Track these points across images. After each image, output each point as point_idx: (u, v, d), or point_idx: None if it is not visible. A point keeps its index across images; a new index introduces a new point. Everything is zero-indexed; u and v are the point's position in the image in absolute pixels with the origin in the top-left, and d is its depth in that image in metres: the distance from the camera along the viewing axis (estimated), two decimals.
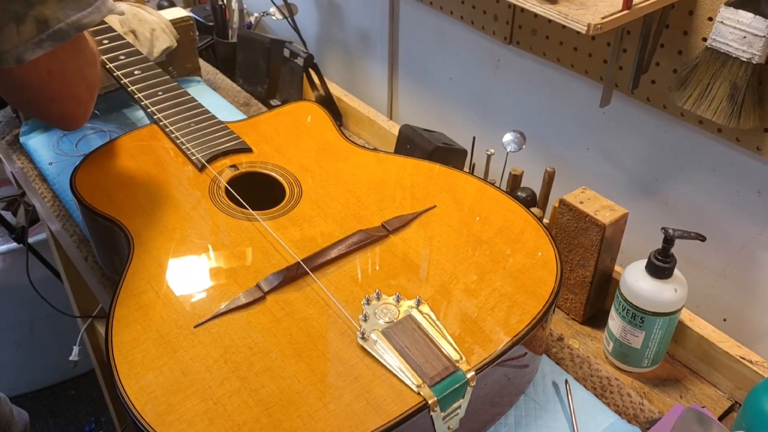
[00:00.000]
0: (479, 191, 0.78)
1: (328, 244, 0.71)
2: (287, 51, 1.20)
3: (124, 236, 0.73)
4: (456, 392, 0.57)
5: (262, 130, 0.91)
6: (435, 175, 0.81)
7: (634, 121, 0.89)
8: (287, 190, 0.80)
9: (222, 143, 0.86)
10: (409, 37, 1.19)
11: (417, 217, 0.75)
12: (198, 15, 1.35)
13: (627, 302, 0.74)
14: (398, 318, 0.62)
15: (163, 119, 0.88)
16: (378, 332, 0.61)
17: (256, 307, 0.64)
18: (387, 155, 0.86)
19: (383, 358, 0.59)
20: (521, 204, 0.76)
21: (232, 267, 0.69)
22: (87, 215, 0.79)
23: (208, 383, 0.57)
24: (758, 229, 0.81)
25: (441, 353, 0.59)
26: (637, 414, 0.71)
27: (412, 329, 0.61)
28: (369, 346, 0.60)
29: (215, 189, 0.79)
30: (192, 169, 0.83)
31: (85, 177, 0.82)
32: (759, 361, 0.74)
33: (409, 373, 0.57)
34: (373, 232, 0.73)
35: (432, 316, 0.63)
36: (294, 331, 0.62)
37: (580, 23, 0.67)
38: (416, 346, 0.60)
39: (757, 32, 0.67)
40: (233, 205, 0.77)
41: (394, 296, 0.65)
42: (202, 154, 0.84)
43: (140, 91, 0.91)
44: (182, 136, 0.86)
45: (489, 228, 0.73)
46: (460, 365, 0.58)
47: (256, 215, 0.75)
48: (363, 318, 0.62)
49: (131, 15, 1.08)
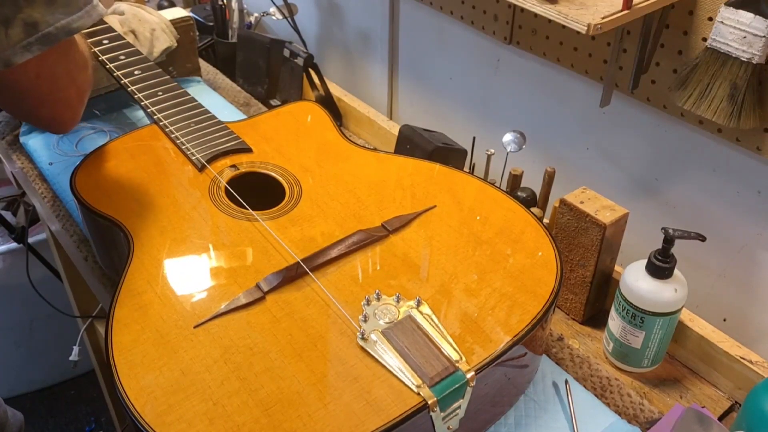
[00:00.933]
0: (479, 191, 0.78)
1: (328, 244, 0.71)
2: (287, 51, 1.20)
3: (123, 236, 0.73)
4: (456, 392, 0.57)
5: (262, 130, 0.91)
6: (435, 175, 0.81)
7: (634, 121, 0.89)
8: (287, 190, 0.80)
9: (222, 143, 0.86)
10: (409, 37, 1.19)
11: (417, 217, 0.75)
12: (198, 15, 1.35)
13: (627, 302, 0.74)
14: (398, 318, 0.62)
15: (163, 119, 0.88)
16: (378, 333, 0.61)
17: (256, 307, 0.64)
18: (387, 155, 0.86)
19: (383, 359, 0.59)
20: (521, 204, 0.76)
21: (231, 267, 0.69)
22: (87, 215, 0.79)
23: (208, 383, 0.57)
24: (758, 229, 0.80)
25: (441, 353, 0.59)
26: (637, 414, 0.71)
27: (412, 329, 0.61)
28: (369, 347, 0.60)
29: (215, 189, 0.79)
30: (192, 169, 0.83)
31: (84, 177, 0.82)
32: (759, 361, 0.74)
33: (409, 373, 0.57)
34: (373, 232, 0.72)
35: (432, 316, 0.63)
36: (294, 331, 0.62)
37: (580, 23, 0.67)
38: (416, 346, 0.60)
39: (757, 32, 0.67)
40: (233, 205, 0.77)
41: (394, 296, 0.65)
42: (202, 154, 0.84)
43: (140, 91, 0.91)
44: (182, 136, 0.86)
45: (489, 228, 0.73)
46: (459, 365, 0.58)
47: (256, 215, 0.75)
48: (363, 318, 0.62)
49: (131, 15, 1.08)
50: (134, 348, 0.60)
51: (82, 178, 0.81)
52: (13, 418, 0.91)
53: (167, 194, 0.79)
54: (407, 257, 0.70)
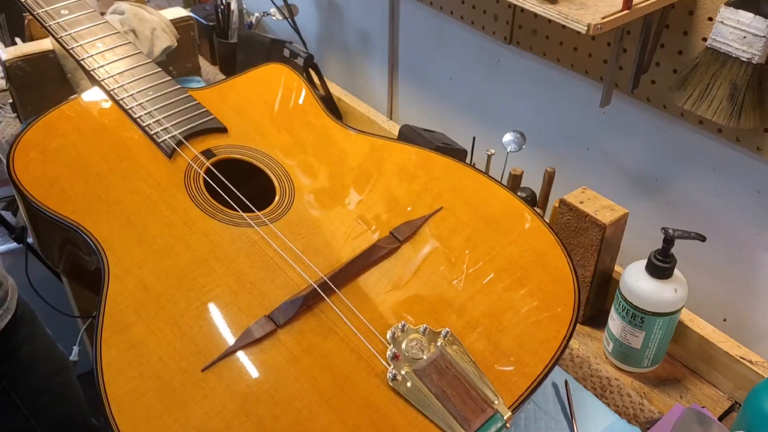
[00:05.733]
0: (482, 187, 0.72)
1: (343, 262, 0.62)
2: (287, 51, 1.20)
3: (91, 246, 0.60)
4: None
5: (233, 100, 0.78)
6: (437, 168, 0.74)
7: (634, 121, 0.89)
8: (277, 185, 0.69)
9: (191, 120, 0.72)
10: (409, 37, 1.19)
11: (425, 222, 0.68)
12: (198, 15, 1.35)
13: (627, 302, 0.74)
14: (429, 354, 0.56)
15: (112, 85, 0.72)
16: (410, 373, 0.55)
17: (268, 341, 0.55)
18: (382, 142, 0.77)
19: (420, 405, 0.53)
20: (526, 204, 0.72)
21: (231, 288, 0.59)
22: (36, 216, 0.62)
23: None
24: (758, 229, 0.80)
25: (479, 395, 0.55)
26: (637, 414, 0.71)
27: (446, 368, 0.56)
28: (402, 390, 0.54)
29: (191, 182, 0.67)
30: (158, 154, 0.68)
31: (26, 163, 0.64)
32: (759, 361, 0.74)
33: (450, 421, 0.52)
34: (385, 243, 0.65)
35: (464, 352, 0.57)
36: (316, 371, 0.54)
37: (580, 23, 0.67)
38: (452, 387, 0.55)
39: (757, 32, 0.67)
40: (216, 203, 0.66)
41: (421, 328, 0.58)
42: (170, 135, 0.70)
43: (73, 40, 0.74)
44: (140, 110, 0.71)
45: (501, 236, 0.67)
46: (497, 407, 0.54)
47: (250, 220, 0.65)
48: (391, 355, 0.56)
49: (131, 14, 1.08)
50: (135, 401, 0.51)
51: (22, 164, 0.64)
52: (4, 279, 0.83)
53: (135, 189, 0.65)
54: (423, 274, 0.63)
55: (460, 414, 0.53)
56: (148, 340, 0.54)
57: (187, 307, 0.57)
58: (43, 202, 0.61)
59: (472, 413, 0.53)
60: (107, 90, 0.74)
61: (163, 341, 0.54)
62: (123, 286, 0.57)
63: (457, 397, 0.54)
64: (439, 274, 0.64)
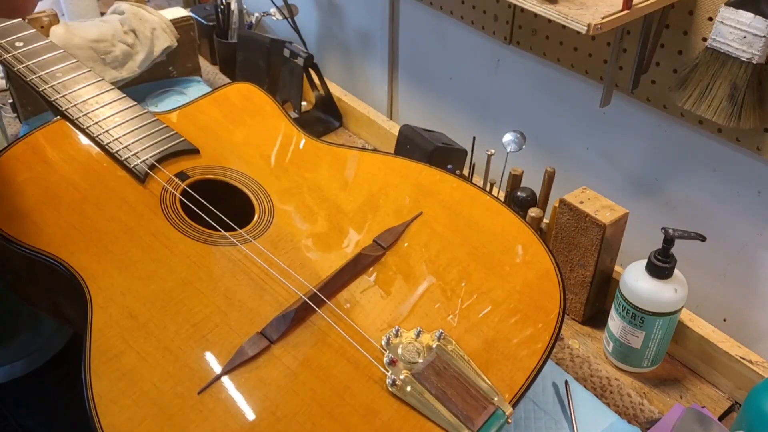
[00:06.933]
0: (457, 190, 0.73)
1: (330, 274, 0.62)
2: (287, 51, 1.20)
3: (71, 278, 0.58)
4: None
5: (201, 121, 0.77)
6: (409, 175, 0.74)
7: (634, 121, 0.89)
8: (255, 203, 0.69)
9: (161, 144, 0.72)
10: (409, 37, 1.19)
11: (407, 228, 0.69)
12: (198, 15, 1.35)
13: (627, 302, 0.74)
14: (425, 357, 0.57)
15: (75, 114, 0.72)
16: (409, 376, 0.55)
17: (263, 358, 0.55)
18: (354, 152, 0.78)
19: (421, 407, 0.54)
20: (500, 201, 0.73)
21: (220, 308, 0.58)
22: (11, 254, 0.60)
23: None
24: (758, 229, 0.80)
25: (479, 393, 0.55)
26: (637, 414, 0.71)
27: (444, 368, 0.56)
28: (402, 394, 0.54)
29: (167, 206, 0.66)
30: (130, 180, 0.68)
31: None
32: (759, 361, 0.74)
33: (452, 420, 0.53)
34: (370, 251, 0.65)
35: (459, 350, 0.58)
36: (315, 384, 0.54)
37: (580, 23, 0.67)
38: (452, 387, 0.55)
39: (757, 32, 0.67)
40: (196, 225, 0.65)
41: (415, 331, 0.59)
42: (141, 160, 0.69)
43: (37, 76, 0.73)
44: (107, 137, 0.71)
45: (479, 234, 0.69)
46: (498, 403, 0.55)
47: (233, 239, 0.64)
48: (388, 361, 0.56)
49: (131, 14, 1.08)
50: (133, 430, 0.49)
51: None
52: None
53: (111, 216, 0.64)
54: (411, 277, 0.64)
55: (462, 413, 0.54)
56: (139, 367, 0.53)
57: (176, 331, 0.56)
58: (17, 237, 0.60)
59: (474, 411, 0.54)
60: (72, 119, 0.73)
61: (156, 367, 0.53)
62: (108, 314, 0.56)
63: (457, 397, 0.54)
64: (426, 277, 0.64)
